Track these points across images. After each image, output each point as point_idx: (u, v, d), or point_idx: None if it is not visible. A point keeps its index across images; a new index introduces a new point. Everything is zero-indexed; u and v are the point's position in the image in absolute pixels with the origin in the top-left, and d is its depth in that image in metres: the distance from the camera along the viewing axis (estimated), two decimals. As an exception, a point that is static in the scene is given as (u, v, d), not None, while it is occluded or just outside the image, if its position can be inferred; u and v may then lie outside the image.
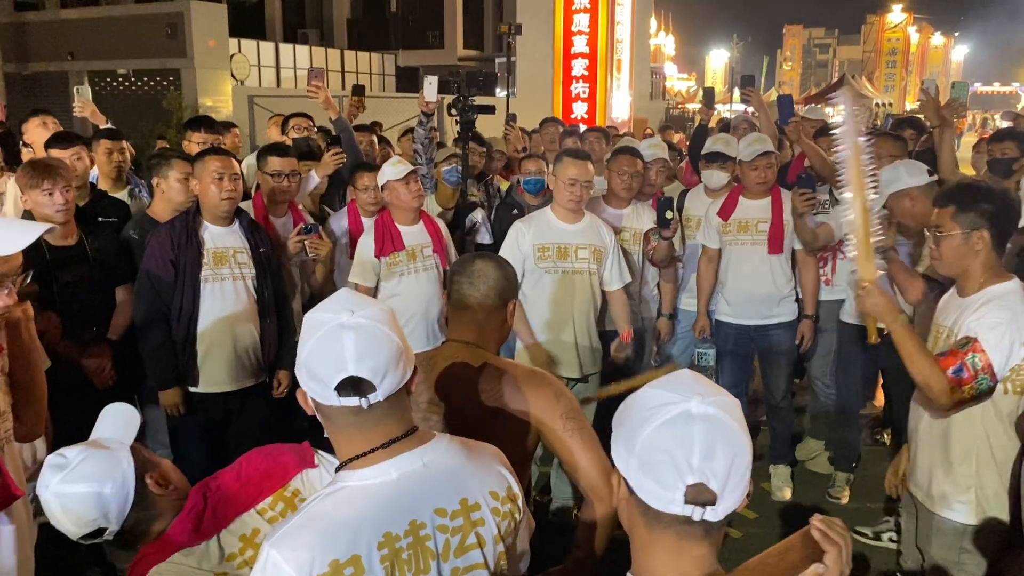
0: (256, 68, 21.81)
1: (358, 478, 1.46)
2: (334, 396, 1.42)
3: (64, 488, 1.63)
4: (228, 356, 3.60)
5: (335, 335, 1.42)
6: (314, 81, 4.89)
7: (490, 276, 2.19)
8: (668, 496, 1.18)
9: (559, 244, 3.97)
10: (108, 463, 1.67)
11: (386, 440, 1.47)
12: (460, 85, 5.45)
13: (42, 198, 3.44)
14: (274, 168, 4.11)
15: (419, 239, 4.18)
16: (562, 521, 4.16)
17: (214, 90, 17.35)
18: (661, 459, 1.18)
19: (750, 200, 4.52)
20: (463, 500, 1.53)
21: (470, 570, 1.54)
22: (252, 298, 3.66)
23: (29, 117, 5.17)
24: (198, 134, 4.96)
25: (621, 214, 4.46)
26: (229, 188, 3.54)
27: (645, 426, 1.20)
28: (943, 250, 2.69)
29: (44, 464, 1.67)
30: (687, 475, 1.16)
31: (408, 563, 1.45)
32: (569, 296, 3.96)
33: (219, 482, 1.77)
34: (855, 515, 4.43)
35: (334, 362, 1.41)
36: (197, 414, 3.62)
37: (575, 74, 14.66)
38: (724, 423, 1.19)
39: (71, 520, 1.65)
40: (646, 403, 1.23)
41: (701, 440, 1.16)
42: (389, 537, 1.43)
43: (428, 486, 1.50)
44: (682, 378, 1.26)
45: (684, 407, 1.19)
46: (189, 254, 3.51)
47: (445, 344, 2.22)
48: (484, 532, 1.55)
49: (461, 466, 1.56)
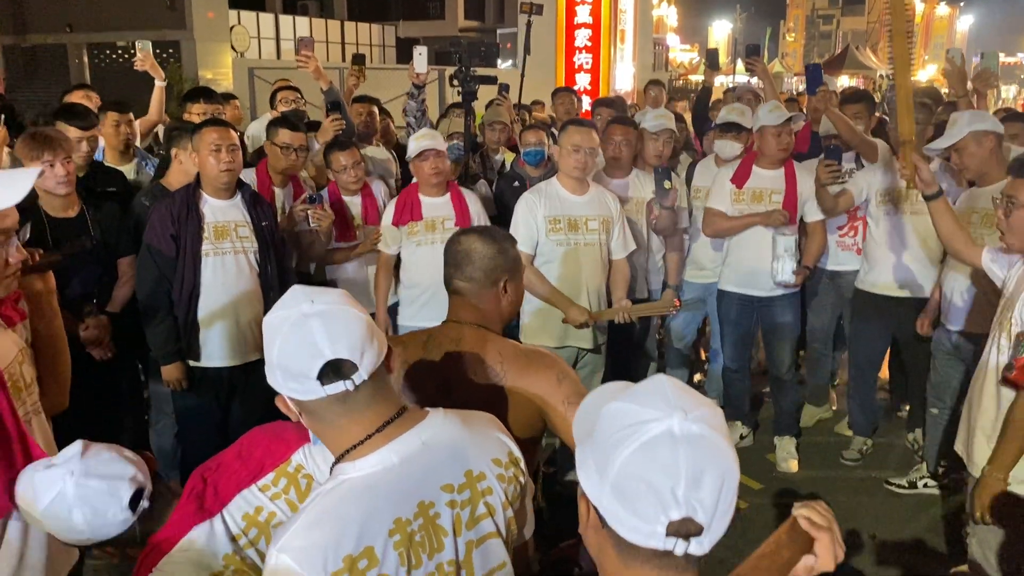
0: (256, 40, 21.65)
1: (358, 468, 1.42)
2: (318, 387, 1.36)
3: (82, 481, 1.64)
4: (231, 331, 3.58)
5: (301, 325, 1.37)
6: (304, 51, 4.82)
7: (474, 256, 2.08)
8: (647, 529, 1.02)
9: (569, 216, 3.95)
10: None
11: (380, 424, 1.43)
12: (461, 56, 5.38)
13: (42, 169, 3.39)
14: (284, 141, 4.10)
15: (441, 212, 4.14)
16: (569, 493, 4.15)
17: (214, 62, 17.22)
18: (640, 489, 1.02)
19: (764, 170, 4.47)
20: (468, 472, 1.51)
21: (483, 540, 1.52)
22: (254, 272, 3.63)
23: (73, 90, 5.24)
24: (198, 105, 4.92)
25: (624, 183, 4.43)
26: (227, 160, 3.49)
27: (620, 448, 1.03)
28: (1014, 221, 2.65)
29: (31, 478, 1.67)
30: (671, 509, 1.01)
31: (422, 544, 1.42)
32: (580, 268, 3.95)
33: (219, 461, 1.74)
34: (865, 482, 4.50)
35: (308, 352, 1.36)
36: (201, 389, 3.61)
37: (578, 44, 14.49)
38: (711, 442, 1.03)
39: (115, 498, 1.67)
40: (620, 418, 1.06)
41: (687, 467, 1.01)
42: (400, 523, 1.40)
43: (431, 464, 1.46)
44: (659, 387, 1.09)
45: (666, 426, 1.03)
46: (190, 228, 3.47)
47: (444, 324, 2.15)
48: (493, 500, 1.53)
49: (460, 438, 1.53)
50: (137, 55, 5.36)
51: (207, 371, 3.59)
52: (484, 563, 1.54)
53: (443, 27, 29.76)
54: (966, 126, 3.59)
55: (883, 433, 4.98)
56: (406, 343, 2.14)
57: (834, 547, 1.22)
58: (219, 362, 3.58)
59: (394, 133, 6.17)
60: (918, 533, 3.98)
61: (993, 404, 2.76)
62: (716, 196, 4.56)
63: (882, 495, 4.36)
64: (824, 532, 1.22)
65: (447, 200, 4.18)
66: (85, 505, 1.62)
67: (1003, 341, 2.71)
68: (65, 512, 1.63)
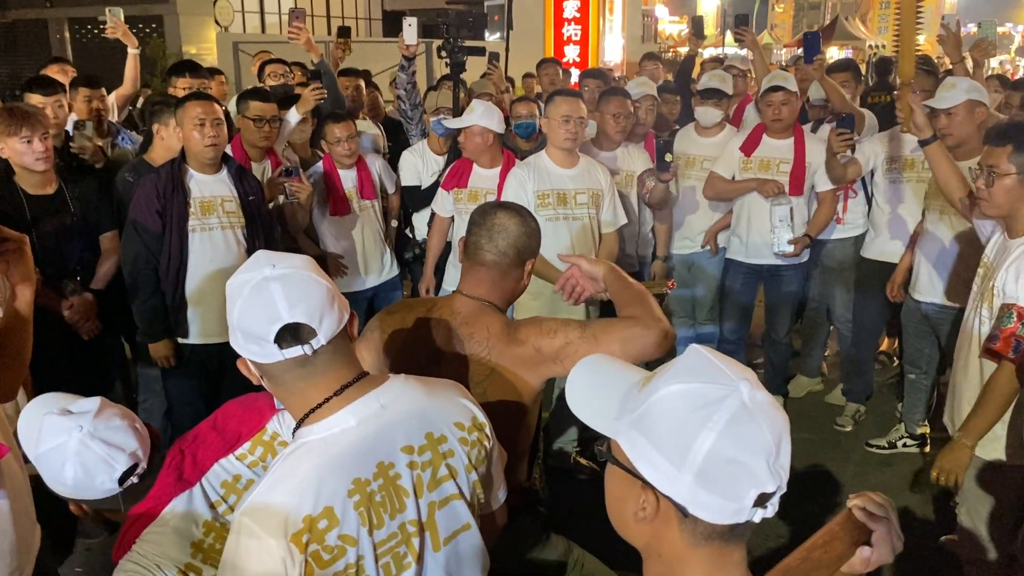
0: (240, 14, 21.35)
1: (316, 431, 1.43)
2: (275, 351, 1.37)
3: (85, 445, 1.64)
4: (219, 307, 3.46)
5: (261, 288, 1.37)
6: (295, 23, 4.73)
7: (511, 232, 2.07)
8: (735, 507, 0.99)
9: (558, 190, 3.91)
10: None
11: (337, 388, 1.44)
12: (449, 27, 5.30)
13: (20, 146, 3.33)
14: (256, 113, 4.03)
15: (487, 184, 4.17)
16: (561, 465, 4.16)
17: (198, 37, 16.99)
18: (731, 471, 0.97)
19: (773, 140, 4.46)
20: (428, 434, 1.51)
21: (446, 502, 1.53)
22: (242, 247, 3.58)
23: (49, 64, 5.18)
24: (183, 79, 4.83)
25: (613, 156, 4.39)
26: (212, 134, 3.44)
27: (701, 433, 0.97)
28: (995, 191, 2.61)
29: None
30: (767, 483, 0.98)
31: (383, 504, 1.43)
32: (570, 242, 3.92)
33: (195, 433, 1.76)
34: (857, 450, 4.53)
35: (267, 315, 1.36)
36: (190, 366, 3.58)
37: (567, 16, 14.36)
38: (776, 407, 1.02)
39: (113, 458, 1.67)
40: (687, 401, 1.00)
41: (773, 435, 0.98)
42: (359, 483, 1.41)
43: (390, 426, 1.47)
44: (706, 360, 1.04)
45: (739, 400, 0.98)
46: (175, 204, 3.42)
47: (453, 295, 2.13)
48: (455, 463, 1.54)
49: (421, 402, 1.53)
50: (108, 22, 5.21)
51: (195, 348, 3.56)
52: (448, 524, 1.54)
53: (430, -1, 29.45)
54: (964, 93, 3.58)
55: (875, 401, 5.01)
56: (412, 307, 2.16)
57: (892, 538, 1.17)
58: (207, 339, 3.54)
59: (382, 107, 6.09)
60: (907, 501, 4.00)
61: (978, 376, 2.76)
62: (723, 162, 4.58)
63: (875, 462, 4.40)
64: (881, 522, 1.16)
65: (496, 173, 4.18)
66: (79, 464, 1.63)
67: (984, 312, 2.69)
68: (59, 464, 1.63)
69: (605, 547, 2.29)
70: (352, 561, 1.40)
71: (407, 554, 1.47)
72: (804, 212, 4.51)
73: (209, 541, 1.63)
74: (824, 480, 4.23)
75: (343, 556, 1.39)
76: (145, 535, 1.64)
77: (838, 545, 1.16)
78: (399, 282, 4.67)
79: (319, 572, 1.36)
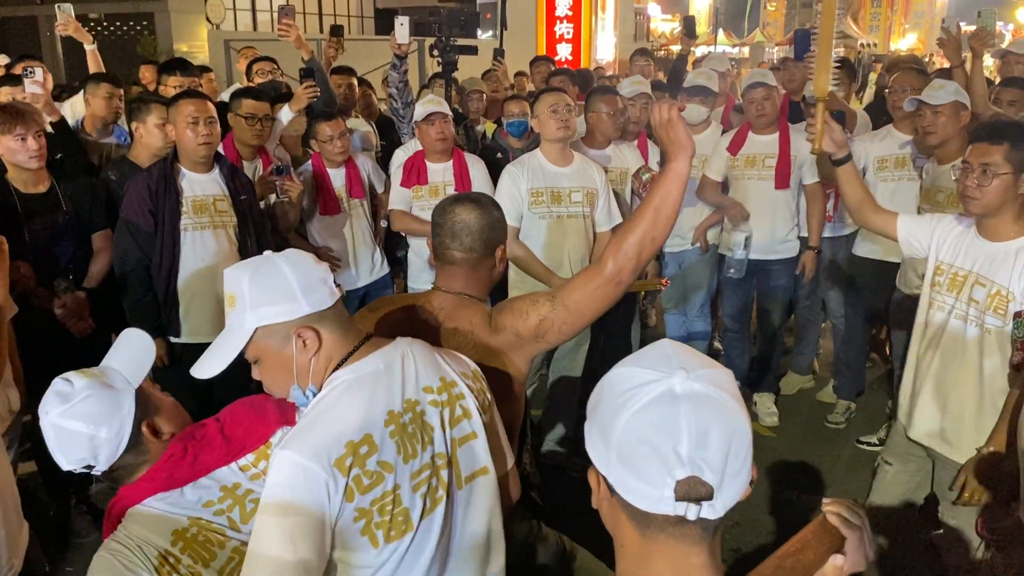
0: (232, 12, 21.27)
1: (353, 371, 1.57)
2: (335, 288, 1.60)
3: (61, 422, 1.66)
4: (211, 306, 3.53)
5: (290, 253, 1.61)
6: (285, 20, 4.71)
7: (472, 227, 2.07)
8: (655, 494, 1.00)
9: (552, 188, 3.92)
10: (109, 406, 1.69)
11: (363, 337, 1.63)
12: (441, 26, 5.30)
13: (14, 144, 3.32)
14: (248, 111, 4.01)
15: (445, 177, 4.22)
16: (554, 462, 4.17)
17: (189, 34, 16.93)
18: (643, 451, 0.99)
19: (758, 136, 4.51)
20: (442, 378, 1.67)
21: (465, 440, 1.67)
22: (234, 246, 3.57)
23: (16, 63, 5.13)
24: (174, 77, 4.83)
25: (604, 154, 4.40)
26: (205, 133, 3.43)
27: (621, 412, 1.01)
28: (990, 189, 2.52)
29: (50, 387, 1.70)
30: (675, 468, 0.98)
31: (414, 436, 1.57)
32: (564, 240, 3.94)
33: (204, 432, 1.76)
34: (848, 446, 4.55)
35: (313, 260, 1.61)
36: (182, 365, 3.57)
37: (559, 14, 14.37)
38: (716, 400, 1.00)
39: (62, 453, 1.69)
40: (620, 384, 1.04)
41: (690, 424, 0.98)
42: (393, 415, 1.55)
43: (411, 369, 1.63)
44: (662, 351, 1.07)
45: (666, 385, 1.00)
46: (168, 203, 3.41)
47: (432, 291, 2.15)
48: (467, 404, 1.68)
49: (430, 353, 1.70)
50: (58, 19, 5.04)
51: (188, 347, 3.55)
52: (469, 463, 1.68)
53: (422, -3, 29.38)
54: (953, 94, 3.63)
55: (866, 398, 5.03)
56: (394, 303, 2.17)
57: (864, 547, 1.17)
58: (199, 338, 3.53)
59: (375, 105, 6.09)
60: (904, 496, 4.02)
61: (976, 386, 2.66)
62: (713, 164, 4.64)
63: (866, 459, 4.40)
64: (855, 531, 1.17)
65: (450, 166, 4.22)
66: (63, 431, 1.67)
67: (989, 319, 2.60)
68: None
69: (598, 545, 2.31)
70: (389, 488, 1.52)
71: (439, 487, 1.60)
72: (792, 205, 4.56)
73: (192, 532, 1.64)
74: (815, 477, 4.25)
75: (381, 482, 1.51)
76: (131, 514, 1.65)
77: (810, 553, 1.16)
78: (390, 280, 4.68)
79: (359, 497, 1.48)
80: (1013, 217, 2.56)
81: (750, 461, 1.03)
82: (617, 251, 1.92)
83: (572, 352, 4.15)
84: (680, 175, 1.92)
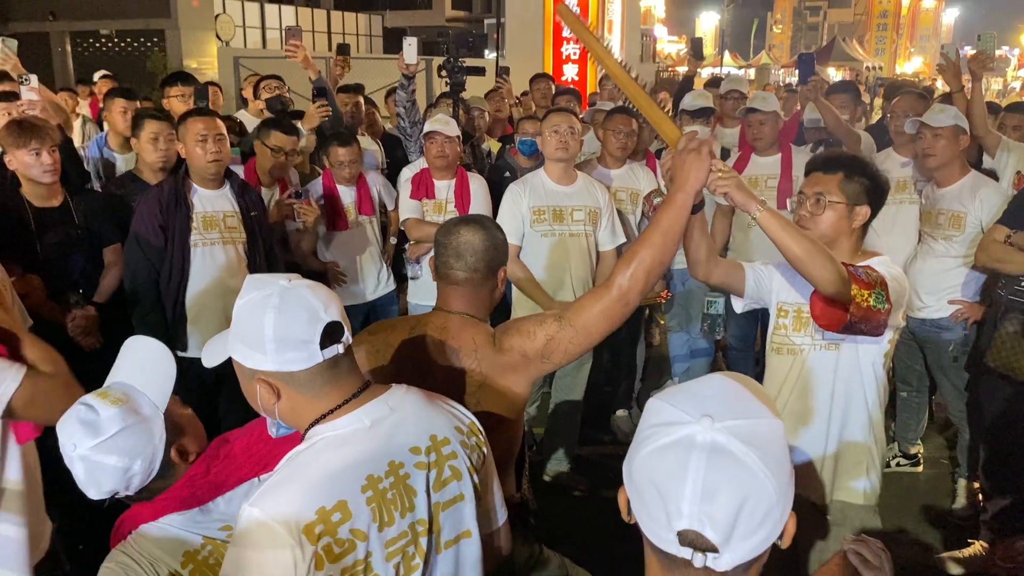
0: (241, 29, 21.48)
1: (331, 429, 1.47)
2: (318, 353, 1.42)
3: (93, 456, 1.59)
4: (219, 321, 3.55)
5: (291, 295, 1.43)
6: (292, 40, 4.78)
7: (477, 247, 2.08)
8: (662, 534, 0.99)
9: (554, 207, 3.95)
10: (142, 437, 1.64)
11: (354, 391, 1.50)
12: (449, 46, 5.36)
13: (28, 158, 3.36)
14: (276, 143, 4.07)
15: (448, 195, 4.30)
16: (556, 482, 4.18)
17: (199, 51, 17.09)
18: (651, 492, 0.98)
19: (761, 158, 4.56)
20: (432, 436, 1.56)
21: (452, 503, 1.57)
22: (243, 262, 3.61)
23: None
24: (176, 88, 4.99)
25: (614, 174, 4.44)
26: (214, 150, 3.47)
27: (642, 447, 1.00)
28: (822, 218, 2.43)
29: (73, 414, 1.62)
30: (675, 519, 0.96)
31: (394, 503, 1.47)
32: (565, 259, 3.96)
33: (228, 450, 1.75)
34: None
35: (308, 316, 1.42)
36: (188, 379, 3.58)
37: (566, 35, 14.47)
38: (736, 457, 0.95)
39: (93, 486, 1.63)
40: (651, 416, 1.03)
41: (697, 477, 0.95)
42: (372, 479, 1.45)
43: (399, 427, 1.52)
44: (703, 388, 1.04)
45: (687, 431, 0.97)
46: (178, 218, 3.45)
47: (434, 312, 2.15)
48: (458, 464, 1.59)
49: (424, 407, 1.59)
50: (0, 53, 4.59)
51: (194, 362, 3.56)
52: (452, 527, 1.58)
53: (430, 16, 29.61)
54: (953, 118, 3.70)
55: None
56: (395, 326, 2.16)
57: None
58: (206, 353, 3.56)
59: (380, 123, 6.15)
60: (901, 521, 4.02)
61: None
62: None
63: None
64: (874, 572, 1.15)
65: (451, 184, 4.29)
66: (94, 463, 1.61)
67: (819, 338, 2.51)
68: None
69: (599, 564, 2.31)
70: (361, 557, 1.42)
71: (415, 555, 1.50)
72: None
73: (204, 554, 1.63)
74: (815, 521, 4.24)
75: (353, 551, 1.41)
76: (143, 529, 1.64)
77: None
78: (395, 297, 4.71)
79: (329, 566, 1.38)
80: (849, 252, 2.45)
81: (774, 519, 0.98)
82: (625, 271, 1.92)
83: (575, 371, 4.17)
84: (683, 206, 1.94)
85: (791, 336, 2.57)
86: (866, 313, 2.19)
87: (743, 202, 2.11)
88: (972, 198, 3.73)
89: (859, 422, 2.53)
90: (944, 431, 4.80)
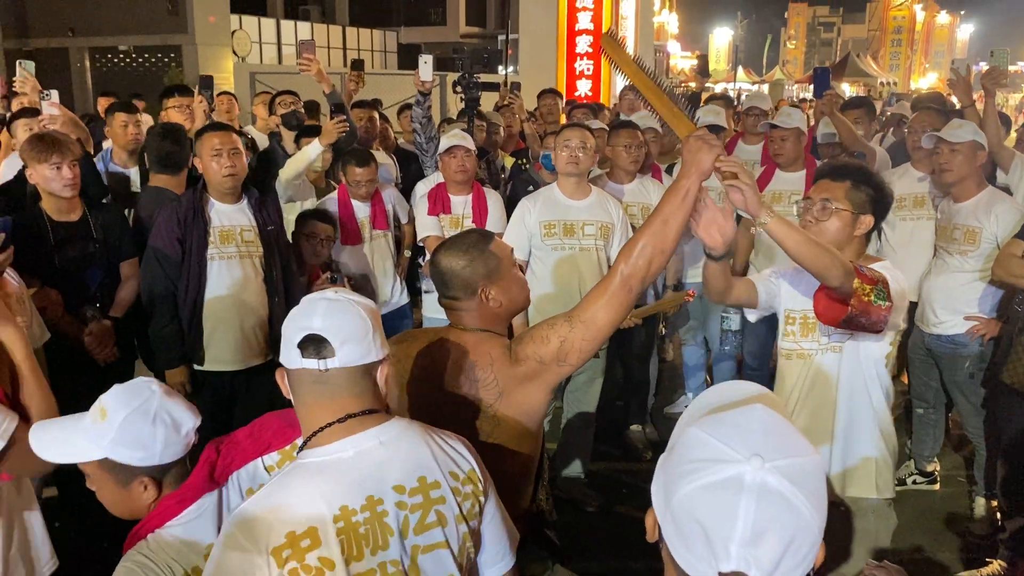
0: (257, 45, 21.68)
1: (314, 455, 1.49)
2: (297, 357, 1.48)
3: (163, 405, 1.69)
4: (235, 335, 3.57)
5: (310, 302, 1.52)
6: (305, 54, 4.82)
7: (447, 274, 2.09)
8: (701, 569, 0.97)
9: (565, 221, 3.96)
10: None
11: (342, 415, 1.50)
12: (464, 62, 5.40)
13: (49, 172, 3.40)
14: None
15: (464, 210, 4.32)
16: (570, 496, 4.16)
17: (215, 66, 17.25)
18: (695, 530, 0.96)
19: (784, 173, 4.57)
20: (421, 478, 1.54)
21: (431, 549, 1.53)
22: (259, 276, 3.63)
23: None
24: (173, 99, 5.13)
25: (625, 189, 4.44)
26: (229, 164, 3.49)
27: (685, 481, 0.97)
28: (827, 224, 2.52)
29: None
30: (722, 561, 0.94)
31: (365, 538, 1.45)
32: (576, 273, 3.96)
33: (232, 438, 1.80)
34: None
35: (301, 321, 1.49)
36: (203, 393, 3.60)
37: (579, 51, 14.50)
38: (785, 498, 0.94)
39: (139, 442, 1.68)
40: (693, 449, 1.00)
41: (747, 521, 0.93)
42: (345, 511, 1.44)
43: (385, 463, 1.51)
44: (749, 421, 1.01)
45: (736, 471, 0.95)
46: (195, 232, 3.48)
47: (448, 328, 2.17)
48: (445, 511, 1.55)
49: (419, 446, 1.57)
50: (18, 74, 4.80)
51: (209, 375, 3.59)
52: (433, 572, 1.54)
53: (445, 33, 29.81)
54: (972, 133, 3.71)
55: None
56: (416, 337, 2.19)
57: None
58: (222, 366, 3.58)
59: (393, 138, 6.19)
60: (917, 539, 3.98)
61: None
62: None
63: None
64: None
65: (469, 199, 4.33)
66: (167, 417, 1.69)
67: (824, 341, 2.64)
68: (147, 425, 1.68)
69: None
70: None
71: None
72: None
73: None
74: (831, 518, 4.21)
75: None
76: (163, 531, 1.66)
77: None
78: (408, 311, 4.73)
79: None
80: (852, 260, 2.45)
81: (813, 555, 0.97)
82: (627, 259, 1.92)
83: (586, 385, 4.16)
84: (687, 193, 1.92)
85: (800, 341, 2.68)
86: (866, 307, 2.26)
87: (751, 200, 2.11)
88: (988, 214, 3.72)
89: (865, 420, 2.61)
90: (961, 449, 4.76)
